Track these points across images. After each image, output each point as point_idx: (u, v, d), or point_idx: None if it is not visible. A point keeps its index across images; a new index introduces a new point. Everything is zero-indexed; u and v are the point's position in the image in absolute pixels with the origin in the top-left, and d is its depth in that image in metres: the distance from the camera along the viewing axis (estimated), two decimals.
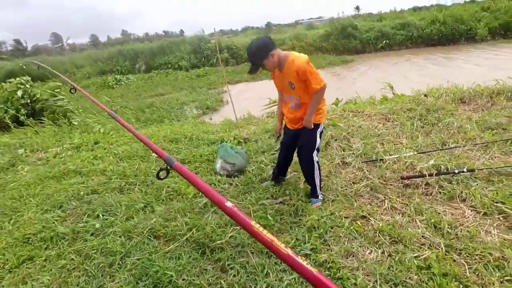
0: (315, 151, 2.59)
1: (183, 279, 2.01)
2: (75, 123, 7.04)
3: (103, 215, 2.84)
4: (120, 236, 2.51)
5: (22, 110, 7.68)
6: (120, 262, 2.23)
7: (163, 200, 3.03)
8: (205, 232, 2.40)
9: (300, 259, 0.29)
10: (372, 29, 21.56)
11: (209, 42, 23.39)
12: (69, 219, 2.89)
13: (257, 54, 2.30)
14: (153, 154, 4.21)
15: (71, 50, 52.25)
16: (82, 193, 3.31)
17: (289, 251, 0.30)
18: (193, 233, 2.41)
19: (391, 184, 2.87)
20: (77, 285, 2.09)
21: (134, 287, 1.98)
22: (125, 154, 4.38)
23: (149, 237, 2.47)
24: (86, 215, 2.88)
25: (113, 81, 20.59)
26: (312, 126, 2.47)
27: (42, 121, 7.26)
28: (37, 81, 11.66)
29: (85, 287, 2.06)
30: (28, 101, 7.90)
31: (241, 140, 4.30)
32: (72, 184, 3.56)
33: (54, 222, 2.81)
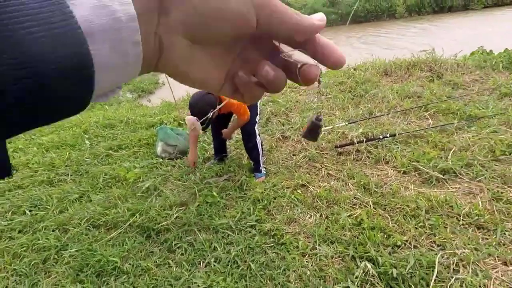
0: (256, 124, 2.73)
1: (129, 264, 1.96)
2: None
3: (30, 211, 2.59)
4: (53, 230, 2.32)
5: None
6: (56, 257, 2.08)
7: (100, 188, 2.86)
8: (149, 216, 2.34)
9: None
10: (305, 6, 22.14)
11: None
12: None
13: (207, 109, 2.36)
14: (86, 141, 3.89)
15: None
16: (2, 189, 2.95)
17: None
18: (136, 218, 2.33)
19: (326, 153, 3.09)
20: (6, 287, 1.91)
21: (74, 280, 1.88)
22: (51, 144, 3.97)
23: (87, 227, 2.33)
24: (10, 212, 2.60)
25: None
26: (230, 138, 2.96)
27: None
28: None
29: None
30: None
31: (182, 122, 4.19)
32: None
33: None
